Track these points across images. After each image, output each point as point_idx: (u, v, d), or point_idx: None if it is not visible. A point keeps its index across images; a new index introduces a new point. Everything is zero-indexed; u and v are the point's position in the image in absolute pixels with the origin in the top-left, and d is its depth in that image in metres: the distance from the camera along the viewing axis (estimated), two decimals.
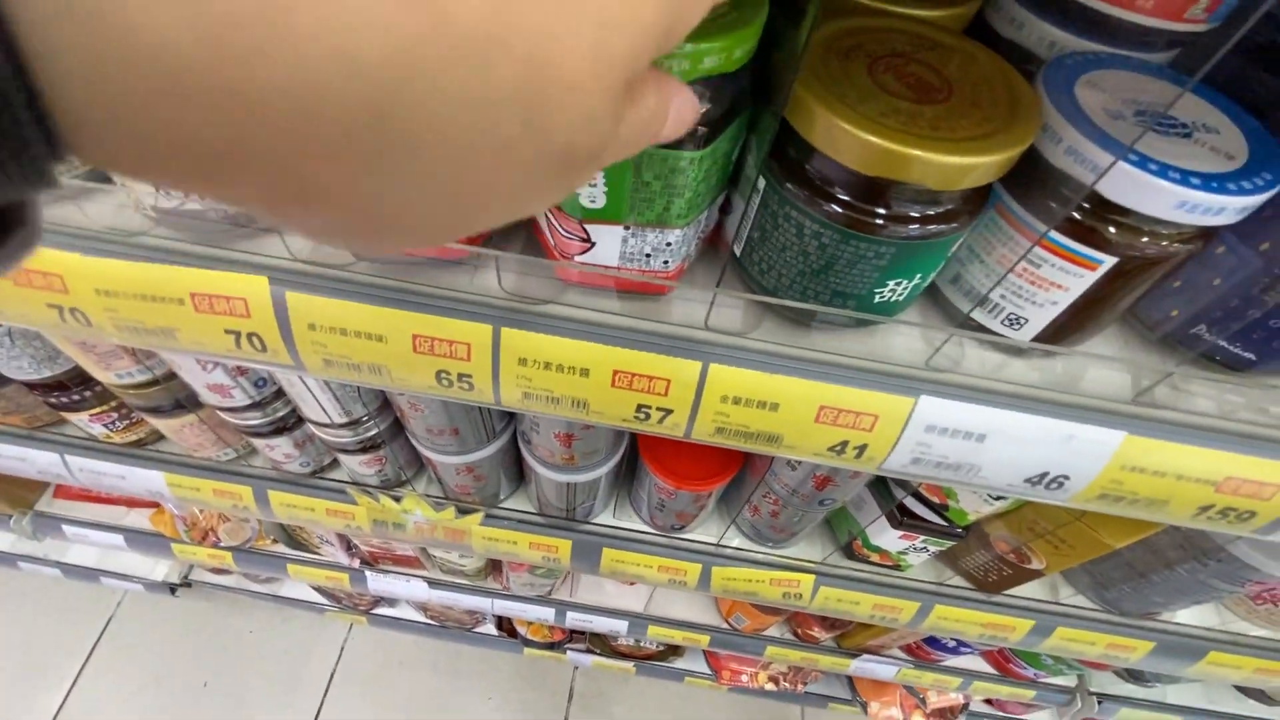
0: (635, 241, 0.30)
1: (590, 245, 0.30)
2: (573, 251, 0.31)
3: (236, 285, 0.34)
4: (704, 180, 0.28)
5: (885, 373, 0.34)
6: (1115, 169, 0.26)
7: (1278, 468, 0.34)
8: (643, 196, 0.27)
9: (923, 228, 0.27)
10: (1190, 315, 0.33)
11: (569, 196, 0.25)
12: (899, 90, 0.27)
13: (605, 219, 0.29)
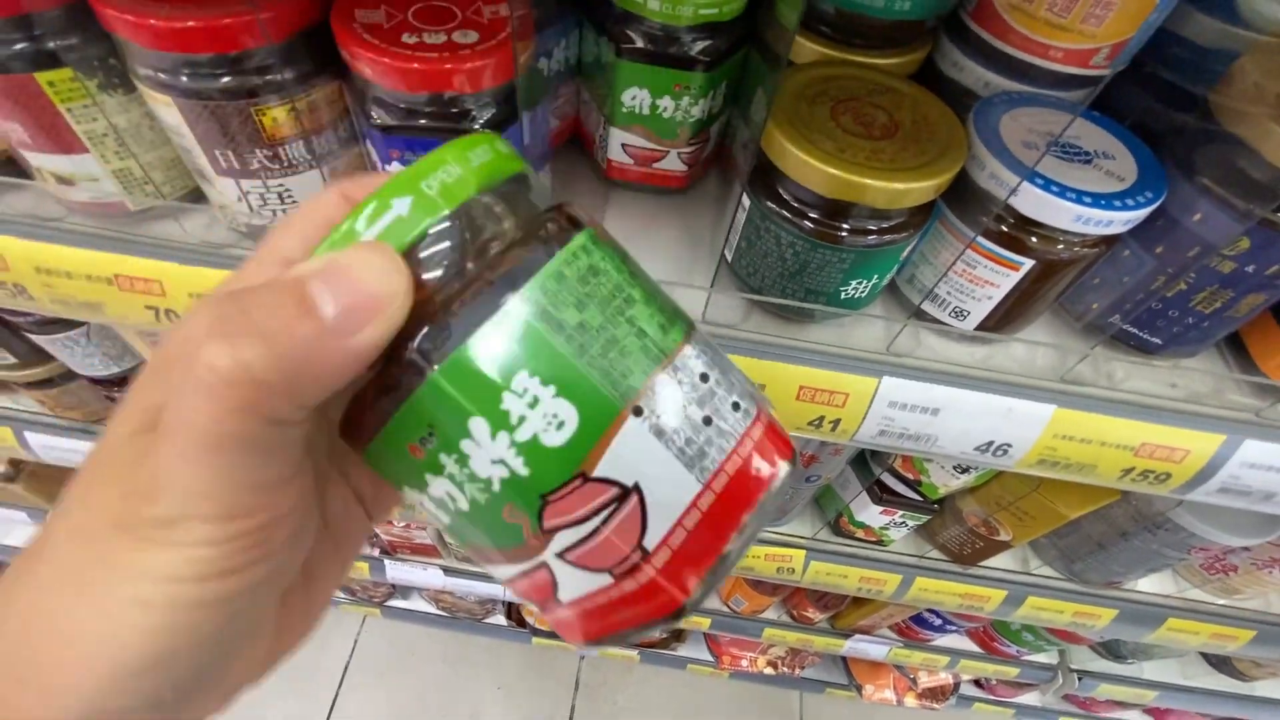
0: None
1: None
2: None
3: None
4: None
5: (854, 357, 0.41)
6: (1025, 189, 0.32)
7: (1184, 434, 0.41)
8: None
9: (878, 238, 0.34)
10: (1106, 307, 0.40)
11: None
12: (855, 129, 0.34)
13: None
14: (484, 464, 0.16)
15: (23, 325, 0.56)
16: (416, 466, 0.17)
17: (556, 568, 0.17)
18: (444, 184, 0.16)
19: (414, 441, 0.16)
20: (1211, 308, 0.37)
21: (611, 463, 0.16)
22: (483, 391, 0.15)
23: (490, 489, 0.16)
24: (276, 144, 0.34)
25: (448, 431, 0.16)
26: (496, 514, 0.17)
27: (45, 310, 0.44)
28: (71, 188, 0.38)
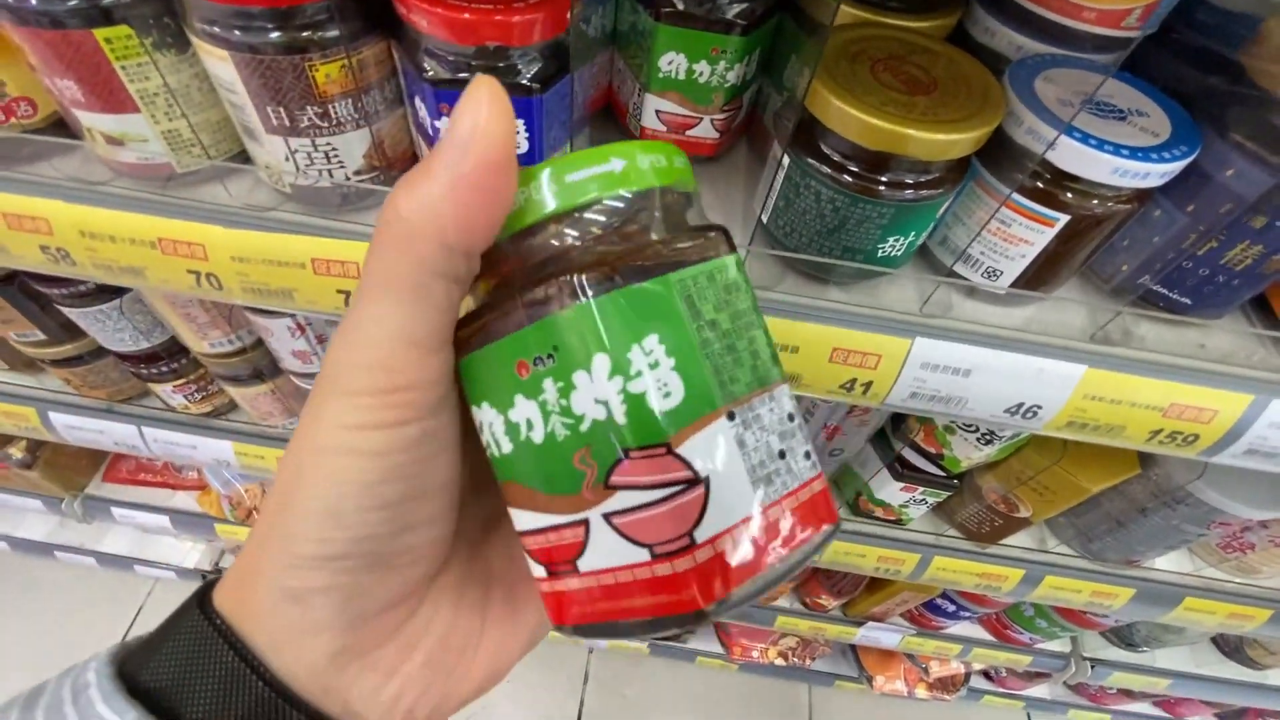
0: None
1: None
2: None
3: (349, 252, 0.42)
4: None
5: (886, 319, 0.42)
6: (1063, 143, 0.33)
7: (1212, 394, 0.41)
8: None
9: (916, 192, 0.35)
10: (1136, 268, 0.41)
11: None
12: (895, 85, 0.34)
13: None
14: (586, 400, 0.17)
15: (56, 298, 0.56)
16: (513, 384, 0.18)
17: (596, 529, 0.17)
18: (654, 165, 0.19)
19: (528, 359, 0.17)
20: (1242, 265, 0.38)
21: (694, 448, 0.17)
22: (620, 334, 0.17)
23: (578, 427, 0.17)
24: (327, 101, 0.35)
25: (570, 357, 0.17)
26: (567, 455, 0.17)
27: (87, 275, 0.45)
28: (120, 148, 0.38)
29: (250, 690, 0.18)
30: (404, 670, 0.20)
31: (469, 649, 0.21)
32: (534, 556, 0.19)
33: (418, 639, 0.21)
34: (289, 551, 0.18)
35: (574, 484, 0.17)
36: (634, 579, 0.17)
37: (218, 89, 0.36)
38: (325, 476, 0.18)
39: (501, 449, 0.19)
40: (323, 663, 0.19)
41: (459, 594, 0.22)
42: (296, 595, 0.18)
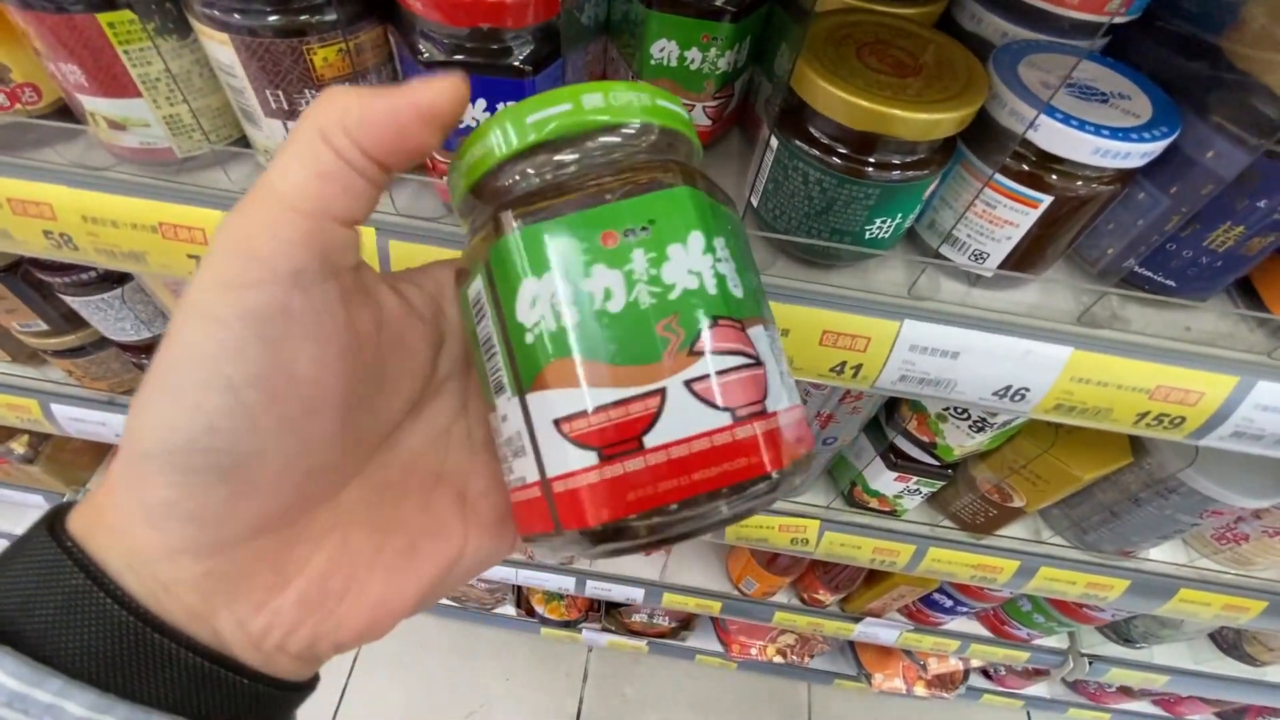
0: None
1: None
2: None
3: None
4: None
5: (876, 302, 0.42)
6: (1045, 124, 0.34)
7: (1198, 376, 0.42)
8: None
9: (902, 173, 0.35)
10: (1121, 251, 0.41)
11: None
12: (881, 68, 0.35)
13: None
14: (679, 270, 0.18)
15: (59, 287, 0.57)
16: (594, 253, 0.18)
17: (675, 396, 0.17)
18: (674, 109, 0.21)
19: (618, 229, 0.18)
20: (1224, 246, 0.38)
21: (754, 338, 0.19)
22: (710, 223, 0.19)
23: (667, 295, 0.18)
24: (324, 85, 0.36)
25: (667, 230, 0.18)
26: (650, 322, 0.18)
27: (90, 260, 0.46)
28: (122, 133, 0.39)
29: (99, 609, 0.17)
30: (273, 605, 0.19)
31: (351, 594, 0.20)
32: (581, 441, 0.18)
33: (291, 576, 0.19)
34: (133, 450, 0.17)
35: (654, 351, 0.18)
36: (711, 446, 0.17)
37: (218, 73, 0.37)
38: (170, 347, 0.17)
39: (562, 320, 0.18)
40: (184, 587, 0.18)
41: (345, 538, 0.21)
42: (150, 515, 0.17)
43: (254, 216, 0.17)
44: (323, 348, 0.18)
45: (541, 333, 0.18)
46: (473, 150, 0.20)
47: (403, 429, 0.23)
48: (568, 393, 0.18)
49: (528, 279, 0.18)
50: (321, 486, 0.20)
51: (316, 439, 0.19)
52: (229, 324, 0.16)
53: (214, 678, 0.18)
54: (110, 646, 0.17)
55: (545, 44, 0.34)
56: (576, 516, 0.18)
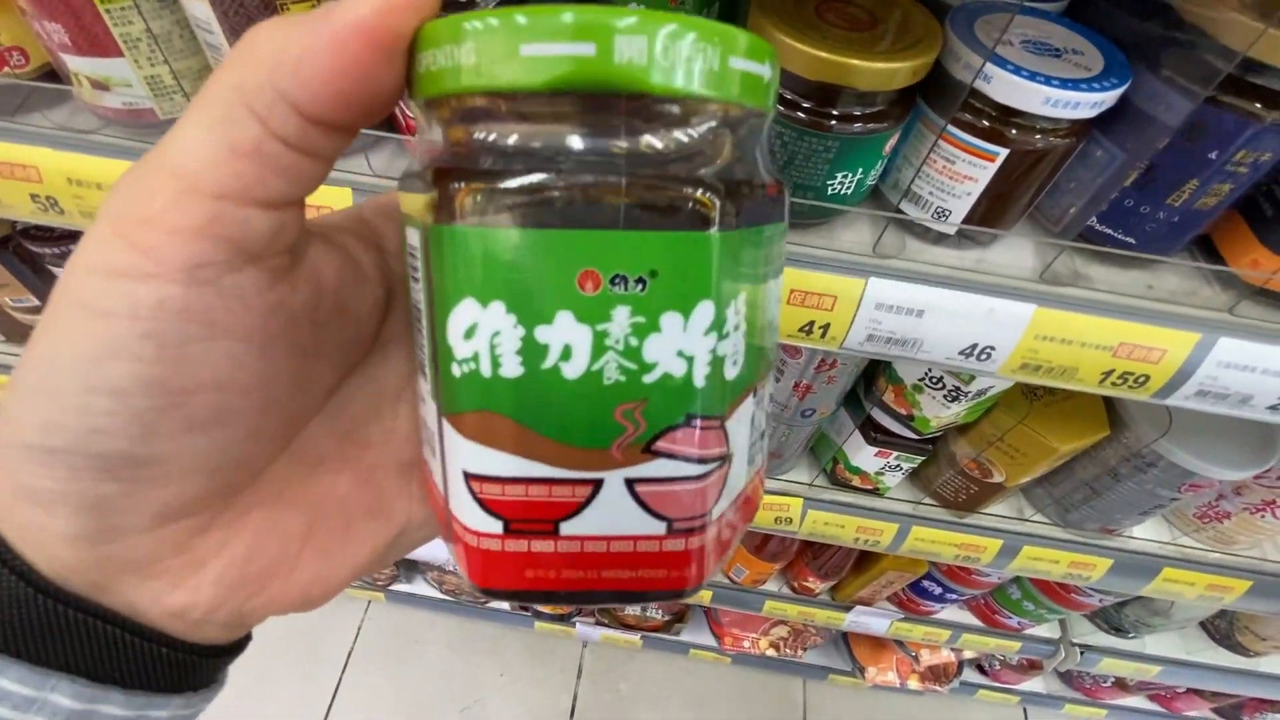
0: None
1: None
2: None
3: (330, 197, 0.43)
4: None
5: (841, 260, 0.43)
6: (998, 76, 0.35)
7: (1160, 333, 0.42)
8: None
9: (862, 125, 0.36)
10: (1082, 208, 0.42)
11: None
12: (838, 23, 0.36)
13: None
14: (665, 350, 0.14)
15: (49, 258, 0.58)
16: (564, 295, 0.14)
17: (610, 492, 0.15)
18: (773, 80, 0.16)
19: (604, 272, 0.14)
20: (1181, 200, 0.39)
21: (735, 423, 0.15)
22: (728, 284, 0.14)
23: (640, 376, 0.14)
24: None
25: (669, 292, 0.14)
26: (609, 405, 0.14)
27: (76, 225, 0.47)
28: (105, 93, 0.40)
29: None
30: (190, 583, 0.17)
31: (277, 576, 0.18)
32: (489, 507, 0.15)
33: (206, 558, 0.17)
34: (14, 437, 0.15)
35: (602, 437, 0.15)
36: (633, 550, 0.15)
37: (196, 30, 0.38)
38: (48, 340, 0.14)
39: (500, 369, 0.14)
40: (85, 566, 0.16)
41: (270, 519, 0.18)
42: (32, 496, 0.15)
43: (147, 197, 0.14)
44: (236, 346, 0.15)
45: (472, 373, 0.15)
46: (438, 35, 0.14)
47: (341, 396, 0.20)
48: (486, 451, 0.15)
49: (467, 300, 0.14)
50: (238, 475, 0.18)
51: (231, 436, 0.16)
52: (114, 321, 0.14)
53: (128, 646, 0.17)
54: (9, 614, 0.16)
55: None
56: (470, 568, 0.16)
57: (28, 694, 0.16)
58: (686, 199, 0.13)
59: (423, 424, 0.18)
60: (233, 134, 0.14)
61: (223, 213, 0.14)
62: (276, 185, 0.14)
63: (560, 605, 0.15)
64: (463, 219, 0.14)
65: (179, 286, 0.14)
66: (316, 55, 0.13)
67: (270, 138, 0.14)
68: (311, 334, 0.18)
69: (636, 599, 0.16)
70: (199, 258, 0.14)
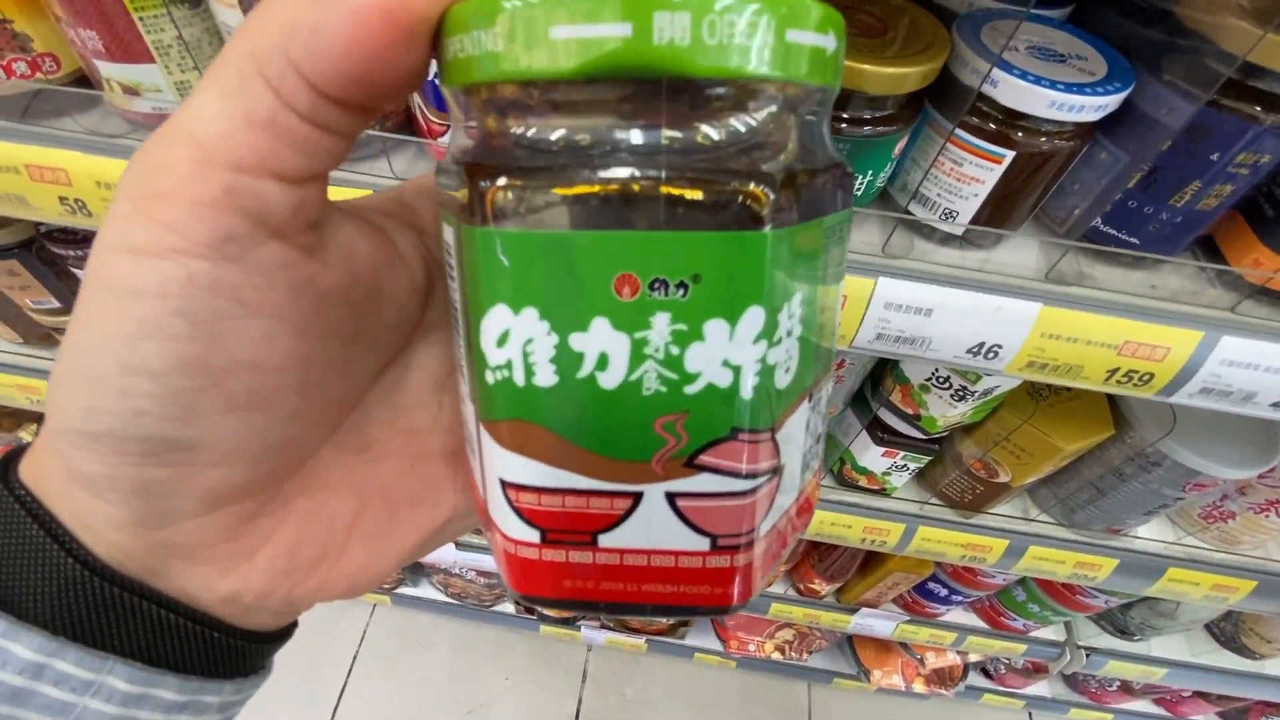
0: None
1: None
2: None
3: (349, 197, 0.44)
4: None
5: (850, 262, 0.44)
6: (1005, 81, 0.36)
7: (1164, 331, 0.43)
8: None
9: (873, 128, 0.37)
10: (1086, 210, 0.43)
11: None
12: (850, 31, 0.37)
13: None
14: (710, 360, 0.13)
15: (72, 260, 0.59)
16: (599, 301, 0.13)
17: (650, 506, 0.14)
18: (838, 57, 0.14)
19: (643, 277, 0.13)
20: (1183, 201, 0.40)
21: (786, 434, 0.14)
22: (781, 286, 0.13)
23: (682, 387, 0.13)
24: None
25: (713, 298, 0.13)
26: (647, 414, 0.13)
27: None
28: (136, 98, 0.42)
29: (52, 562, 0.16)
30: (241, 570, 0.18)
31: (325, 562, 0.19)
32: (527, 516, 0.15)
33: (256, 545, 0.18)
34: (60, 423, 0.15)
35: (641, 450, 0.14)
36: (675, 565, 0.15)
37: (225, 37, 0.39)
38: (83, 323, 0.14)
39: (534, 378, 0.14)
40: (139, 551, 0.17)
41: (317, 506, 0.18)
42: (84, 481, 0.16)
43: (166, 169, 0.13)
44: (268, 324, 0.15)
45: (506, 380, 0.14)
46: (463, 19, 0.13)
47: (385, 382, 0.20)
48: (521, 461, 0.15)
49: (499, 306, 0.13)
50: (283, 460, 0.18)
51: (272, 418, 0.16)
52: (145, 300, 0.14)
53: (181, 630, 0.18)
54: (66, 598, 0.16)
55: None
56: (509, 575, 0.16)
57: (85, 677, 0.16)
58: (734, 194, 0.12)
59: (464, 422, 0.18)
60: (247, 104, 0.13)
61: (240, 184, 0.14)
62: (292, 159, 0.14)
63: (601, 614, 0.18)
64: (494, 221, 0.13)
65: (206, 261, 0.14)
66: (333, 28, 0.12)
67: (284, 109, 0.13)
68: (347, 316, 0.17)
69: (679, 613, 0.15)
70: (223, 231, 0.14)
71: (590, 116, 0.13)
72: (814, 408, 0.16)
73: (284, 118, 0.13)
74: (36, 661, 0.16)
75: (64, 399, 0.15)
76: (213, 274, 0.14)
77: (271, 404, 0.16)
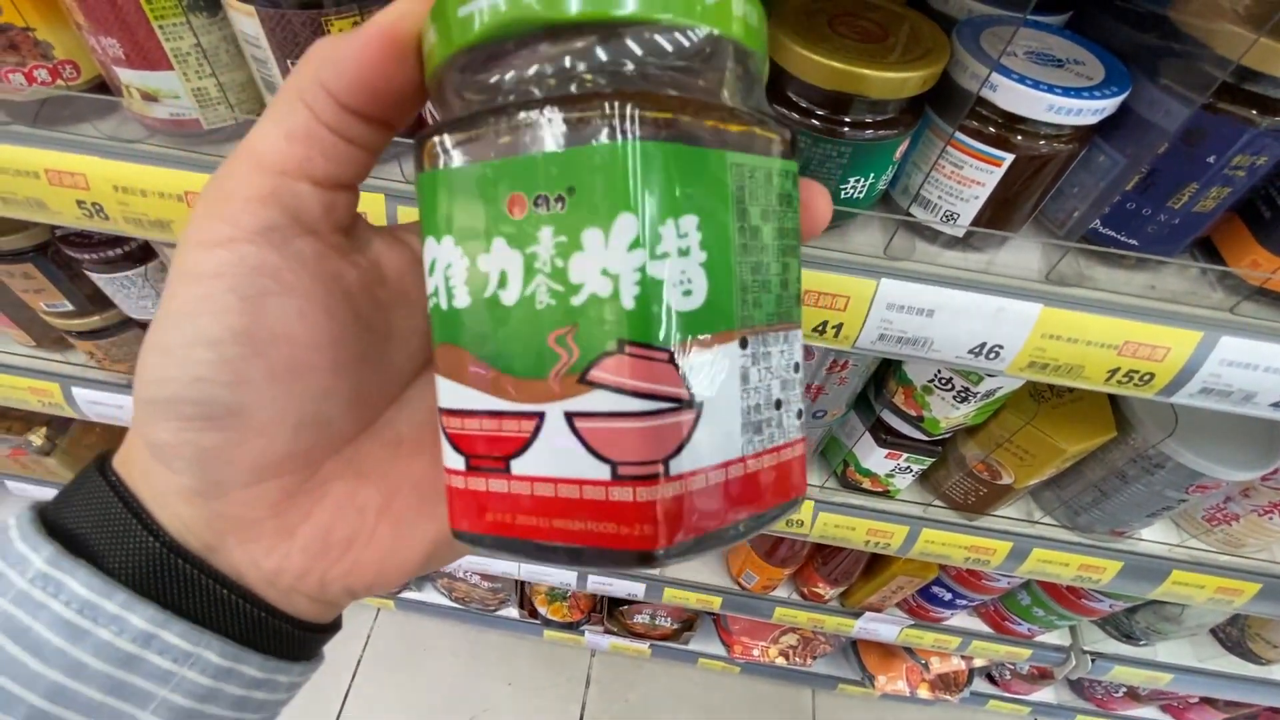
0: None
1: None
2: None
3: (364, 203, 0.45)
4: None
5: (854, 262, 0.45)
6: (1004, 85, 0.36)
7: (1164, 331, 0.44)
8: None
9: (874, 132, 0.38)
10: (1085, 212, 0.44)
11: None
12: (850, 36, 0.38)
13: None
14: (590, 268, 0.14)
15: (86, 264, 0.60)
16: (497, 221, 0.14)
17: (551, 427, 0.15)
18: (744, 14, 0.16)
19: (527, 194, 0.14)
20: (1181, 203, 0.40)
21: (696, 365, 0.14)
22: (658, 199, 0.14)
23: (568, 298, 0.14)
24: None
25: (587, 207, 0.13)
26: (543, 329, 0.14)
27: (119, 230, 0.49)
28: (154, 104, 0.43)
29: (138, 539, 0.19)
30: (281, 549, 0.20)
31: (356, 547, 0.20)
32: (454, 442, 0.16)
33: (296, 524, 0.20)
34: (141, 396, 0.18)
35: (539, 366, 0.14)
36: (580, 497, 0.15)
37: (243, 45, 0.40)
38: (163, 305, 0.18)
39: (454, 300, 0.15)
40: (200, 524, 0.19)
41: (351, 491, 0.20)
42: (157, 450, 0.18)
43: (228, 177, 0.17)
44: (303, 303, 0.18)
45: (436, 308, 0.16)
46: (426, 26, 0.16)
47: (420, 385, 0.22)
48: (450, 385, 0.16)
49: (429, 238, 0.16)
50: (321, 438, 0.20)
51: (307, 392, 0.19)
52: (205, 281, 0.17)
53: (233, 606, 0.19)
54: (152, 572, 0.18)
55: None
56: (450, 512, 0.17)
57: (186, 649, 0.18)
58: (593, 108, 0.13)
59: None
60: (288, 122, 0.17)
61: (281, 185, 0.17)
62: (322, 165, 0.17)
63: (523, 558, 0.16)
64: (426, 167, 0.16)
65: (253, 246, 0.17)
66: (349, 53, 0.16)
67: (316, 123, 0.17)
68: (377, 313, 0.20)
69: (594, 559, 0.15)
70: (267, 221, 0.17)
71: (494, 71, 0.15)
72: (754, 358, 0.16)
73: (316, 130, 0.17)
74: (148, 631, 0.18)
75: (143, 372, 0.18)
76: (258, 256, 0.17)
77: (307, 377, 0.19)
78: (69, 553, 0.18)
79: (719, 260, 0.15)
